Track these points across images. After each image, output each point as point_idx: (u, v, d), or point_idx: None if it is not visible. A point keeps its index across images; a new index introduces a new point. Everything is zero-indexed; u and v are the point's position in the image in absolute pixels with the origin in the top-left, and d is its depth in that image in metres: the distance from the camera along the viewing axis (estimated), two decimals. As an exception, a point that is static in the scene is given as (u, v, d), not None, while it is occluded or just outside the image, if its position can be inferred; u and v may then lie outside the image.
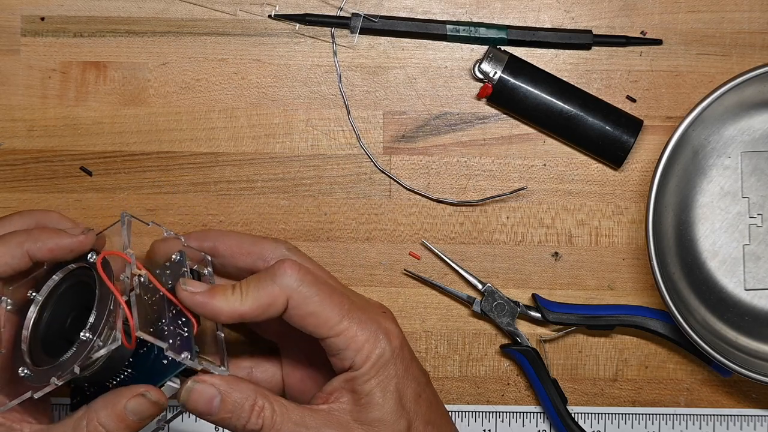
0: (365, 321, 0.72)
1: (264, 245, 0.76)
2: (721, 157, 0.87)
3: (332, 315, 0.71)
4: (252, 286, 0.71)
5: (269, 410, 0.71)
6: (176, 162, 0.88)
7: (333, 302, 0.71)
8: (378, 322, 0.72)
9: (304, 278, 0.71)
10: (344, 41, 0.88)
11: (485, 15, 0.88)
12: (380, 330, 0.72)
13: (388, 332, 0.73)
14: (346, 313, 0.71)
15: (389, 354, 0.72)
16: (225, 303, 0.71)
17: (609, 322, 0.87)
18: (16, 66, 0.88)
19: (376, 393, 0.72)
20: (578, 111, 0.86)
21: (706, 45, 0.88)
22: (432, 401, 0.75)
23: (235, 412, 0.71)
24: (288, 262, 0.71)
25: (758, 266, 0.87)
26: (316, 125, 0.88)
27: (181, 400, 0.71)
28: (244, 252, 0.75)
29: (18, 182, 0.88)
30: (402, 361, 0.73)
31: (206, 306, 0.71)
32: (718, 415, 0.89)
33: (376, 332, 0.72)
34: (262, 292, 0.70)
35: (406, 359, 0.73)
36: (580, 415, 0.89)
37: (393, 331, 0.73)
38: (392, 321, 0.74)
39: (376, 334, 0.72)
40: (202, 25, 0.88)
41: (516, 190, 0.88)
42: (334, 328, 0.71)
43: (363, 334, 0.71)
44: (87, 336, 0.70)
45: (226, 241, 0.76)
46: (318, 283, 0.71)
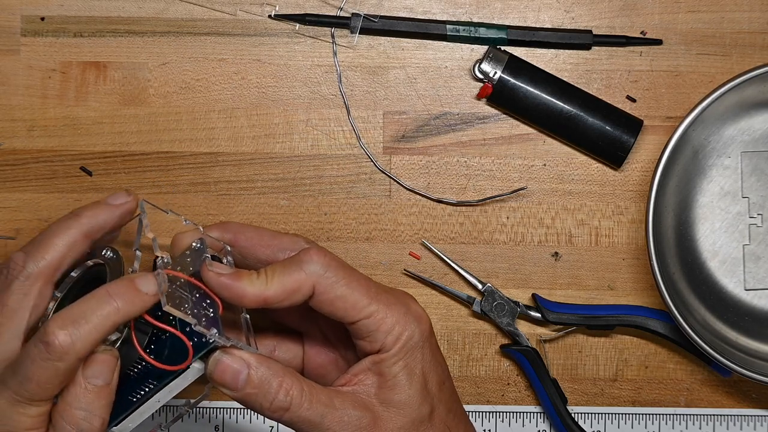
0: (394, 303, 0.72)
1: (284, 238, 0.75)
2: (721, 157, 0.87)
3: (361, 298, 0.71)
4: (278, 271, 0.71)
5: (297, 389, 0.70)
6: (176, 162, 0.88)
7: (360, 285, 0.71)
8: (407, 305, 0.73)
9: (330, 264, 0.71)
10: (344, 41, 0.88)
11: (485, 15, 0.88)
12: (410, 313, 0.72)
13: (418, 315, 0.73)
14: (374, 296, 0.71)
15: (418, 337, 0.72)
16: (250, 285, 0.70)
17: (609, 322, 0.87)
18: (16, 66, 0.88)
19: (403, 376, 0.72)
20: (578, 111, 0.86)
21: (706, 45, 0.88)
22: (453, 390, 0.76)
23: (262, 388, 0.70)
24: (314, 249, 0.71)
25: (758, 266, 0.87)
26: (316, 125, 0.88)
27: (208, 371, 0.70)
28: (264, 244, 0.75)
29: (18, 182, 0.88)
30: (429, 347, 0.73)
31: (231, 287, 0.70)
32: (718, 415, 0.89)
33: (406, 315, 0.72)
34: (287, 278, 0.70)
35: (433, 345, 0.73)
36: (580, 415, 0.89)
37: (422, 315, 0.73)
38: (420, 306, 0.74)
39: (406, 316, 0.72)
40: (202, 25, 0.88)
41: (516, 190, 0.88)
42: (363, 310, 0.71)
43: (392, 317, 0.71)
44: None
45: (246, 233, 0.75)
46: (344, 268, 0.71)
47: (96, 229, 0.73)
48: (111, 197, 0.74)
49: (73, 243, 0.72)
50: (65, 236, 0.72)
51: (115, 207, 0.74)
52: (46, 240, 0.72)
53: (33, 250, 0.72)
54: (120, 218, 0.74)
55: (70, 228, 0.72)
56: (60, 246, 0.72)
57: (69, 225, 0.72)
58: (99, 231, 0.73)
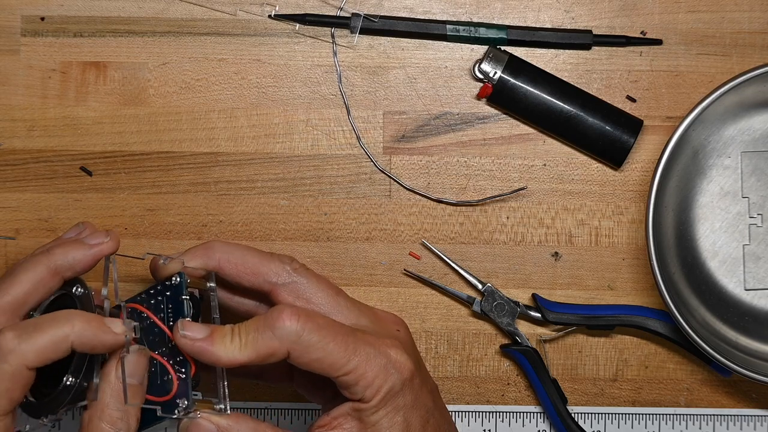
0: (373, 356, 0.71)
1: (270, 266, 0.74)
2: (721, 157, 0.87)
3: (338, 358, 0.70)
4: (251, 335, 0.70)
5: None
6: (176, 162, 0.88)
7: (338, 345, 0.70)
8: (387, 355, 0.72)
9: (305, 326, 0.70)
10: (344, 41, 0.88)
11: (485, 15, 0.88)
12: (390, 363, 0.71)
13: (398, 364, 0.72)
14: (352, 353, 0.70)
15: (399, 386, 0.72)
16: (224, 351, 0.70)
17: (609, 322, 0.87)
18: (16, 66, 0.88)
19: (384, 424, 0.72)
20: (578, 111, 0.86)
21: (706, 45, 0.88)
22: (440, 424, 0.75)
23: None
24: (286, 312, 0.70)
25: (758, 266, 0.87)
26: (316, 125, 0.88)
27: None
28: (248, 272, 0.73)
29: (18, 182, 0.88)
30: (411, 391, 0.72)
31: (204, 353, 0.70)
32: (718, 415, 0.89)
33: (386, 366, 0.71)
34: (260, 344, 0.69)
35: (415, 388, 0.73)
36: (580, 415, 0.89)
37: (403, 362, 0.72)
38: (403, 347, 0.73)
39: (386, 368, 0.71)
40: (202, 25, 0.88)
41: (516, 190, 0.88)
42: (341, 369, 0.70)
43: (372, 370, 0.71)
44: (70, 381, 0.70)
45: (230, 259, 0.74)
46: (319, 328, 0.70)
47: (66, 267, 0.71)
48: (89, 236, 0.73)
49: (39, 279, 0.71)
50: (32, 272, 0.71)
51: (90, 247, 0.72)
52: (13, 275, 0.71)
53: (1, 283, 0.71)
54: (93, 259, 0.72)
55: (38, 264, 0.71)
56: (25, 282, 0.71)
57: (38, 261, 0.71)
58: (69, 269, 0.72)
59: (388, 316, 0.77)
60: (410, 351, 0.74)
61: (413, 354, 0.75)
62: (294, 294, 0.74)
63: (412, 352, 0.75)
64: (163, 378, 0.72)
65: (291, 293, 0.74)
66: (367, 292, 0.88)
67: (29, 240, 0.88)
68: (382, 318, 0.76)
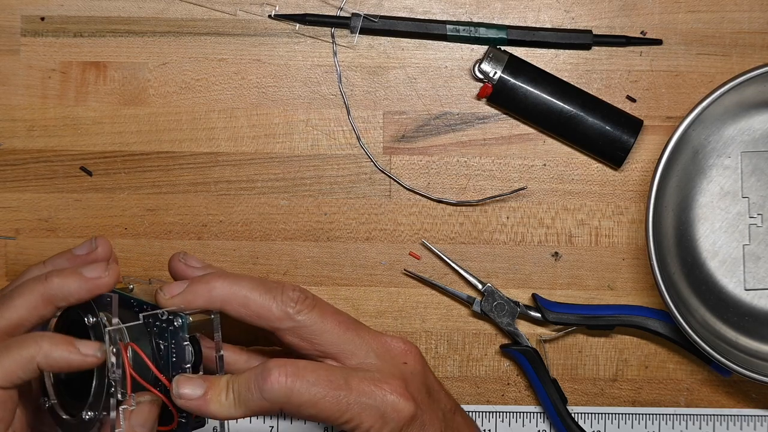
0: (368, 407, 0.71)
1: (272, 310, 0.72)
2: (721, 157, 0.87)
3: (331, 413, 0.70)
4: (243, 394, 0.70)
5: None
6: (176, 162, 0.88)
7: (329, 401, 0.70)
8: (385, 402, 0.71)
9: (294, 386, 0.69)
10: (344, 41, 0.88)
11: (485, 15, 0.88)
12: (387, 411, 0.71)
13: (396, 411, 0.71)
14: (345, 407, 0.70)
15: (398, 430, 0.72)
16: (218, 408, 0.70)
17: (609, 322, 0.87)
18: (16, 66, 0.88)
19: None
20: (578, 111, 0.86)
21: (706, 45, 0.88)
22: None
23: None
24: (273, 374, 0.69)
25: (758, 266, 0.87)
26: (316, 125, 0.88)
27: None
28: (252, 315, 0.72)
29: (18, 182, 0.88)
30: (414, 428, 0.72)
31: (200, 410, 0.70)
32: (718, 415, 0.89)
33: (383, 414, 0.71)
34: (251, 404, 0.70)
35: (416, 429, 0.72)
36: (580, 415, 0.89)
37: (401, 408, 0.71)
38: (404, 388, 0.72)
39: (383, 416, 0.71)
40: (202, 25, 0.88)
41: (516, 190, 0.88)
42: (336, 420, 0.71)
43: (368, 421, 0.71)
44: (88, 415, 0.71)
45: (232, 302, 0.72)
46: (311, 386, 0.70)
47: (59, 297, 0.72)
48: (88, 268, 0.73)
49: (33, 306, 0.72)
50: (27, 298, 0.72)
51: (86, 280, 0.72)
52: (9, 298, 0.72)
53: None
54: (89, 293, 0.72)
55: (34, 291, 0.72)
56: (20, 307, 0.72)
57: (34, 288, 0.72)
58: (63, 300, 0.72)
59: (398, 345, 0.75)
60: (417, 384, 0.74)
61: (420, 387, 0.74)
62: (298, 336, 0.73)
63: (420, 384, 0.74)
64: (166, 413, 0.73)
65: (295, 336, 0.73)
66: (367, 292, 0.88)
67: (29, 240, 0.88)
68: (390, 349, 0.75)
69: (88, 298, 0.72)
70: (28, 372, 0.69)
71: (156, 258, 0.88)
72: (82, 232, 0.88)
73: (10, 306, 0.72)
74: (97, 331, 0.72)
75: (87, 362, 0.70)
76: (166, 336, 0.72)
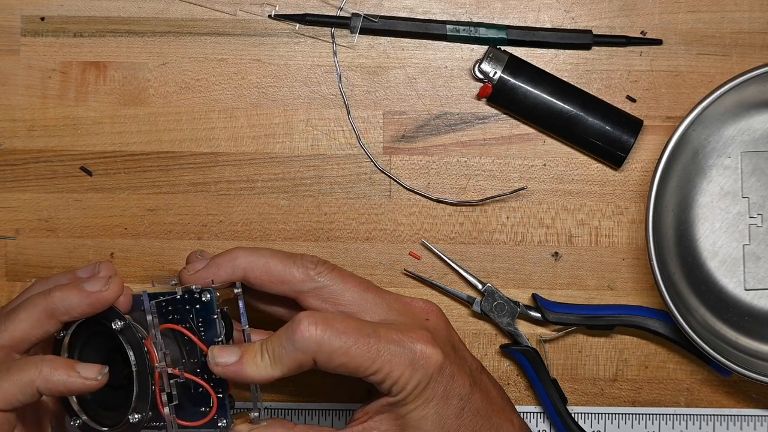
0: (398, 353, 0.72)
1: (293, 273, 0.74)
2: (721, 157, 0.87)
3: (362, 361, 0.71)
4: (277, 350, 0.71)
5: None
6: (176, 162, 0.88)
7: (360, 348, 0.71)
8: (413, 350, 0.72)
9: (324, 334, 0.71)
10: (344, 41, 0.88)
11: (485, 15, 0.88)
12: (416, 357, 0.72)
13: (424, 358, 0.72)
14: (375, 354, 0.71)
15: (426, 381, 0.72)
16: (256, 371, 0.71)
17: (609, 322, 0.87)
18: (16, 66, 0.88)
19: (414, 416, 0.73)
20: (578, 111, 0.86)
21: (706, 45, 0.88)
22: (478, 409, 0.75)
23: None
24: (303, 323, 0.71)
25: (758, 266, 0.87)
26: (316, 125, 0.88)
27: None
28: (273, 281, 0.74)
29: (18, 182, 0.88)
30: (441, 383, 0.73)
31: (238, 376, 0.72)
32: (718, 415, 0.89)
33: (412, 361, 0.72)
34: (286, 358, 0.71)
35: (445, 379, 0.73)
36: (580, 415, 0.89)
37: (429, 354, 0.73)
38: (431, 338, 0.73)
39: (412, 363, 0.72)
40: (202, 25, 0.88)
41: (516, 190, 0.88)
42: (366, 370, 0.71)
43: (398, 368, 0.72)
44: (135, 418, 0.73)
45: (254, 269, 0.74)
46: (340, 334, 0.71)
47: (62, 311, 0.73)
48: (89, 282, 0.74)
49: (36, 320, 0.73)
50: (30, 312, 0.73)
51: (88, 294, 0.73)
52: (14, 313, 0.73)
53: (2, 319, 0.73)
54: (90, 307, 0.73)
55: (37, 306, 0.73)
56: (23, 321, 0.73)
57: (37, 302, 0.73)
58: (65, 314, 0.73)
59: (418, 304, 0.77)
60: (442, 339, 0.75)
61: (445, 342, 0.75)
62: (320, 298, 0.74)
63: (445, 339, 0.76)
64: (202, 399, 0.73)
65: (317, 298, 0.74)
66: (367, 292, 0.88)
67: (29, 240, 0.88)
68: (412, 308, 0.77)
69: (91, 312, 0.73)
70: (27, 396, 0.70)
71: (156, 258, 0.88)
72: (82, 232, 0.88)
73: (14, 320, 0.73)
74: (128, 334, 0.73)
75: (87, 386, 0.71)
76: (191, 318, 0.73)
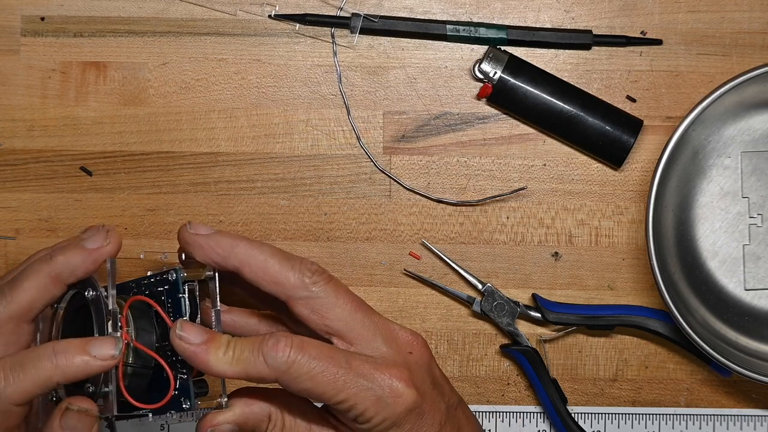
0: (366, 389, 0.71)
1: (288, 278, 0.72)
2: (721, 157, 0.87)
3: (326, 390, 0.70)
4: (245, 353, 0.70)
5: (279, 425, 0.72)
6: (176, 162, 0.88)
7: (327, 377, 0.70)
8: (383, 387, 0.71)
9: (295, 359, 0.70)
10: (344, 41, 0.88)
11: (485, 15, 0.88)
12: (384, 395, 0.71)
13: (395, 396, 0.71)
14: (342, 385, 0.70)
15: (392, 419, 0.71)
16: (215, 361, 0.70)
17: (609, 322, 0.87)
18: (16, 66, 0.88)
19: None
20: (578, 111, 0.86)
21: (706, 45, 0.88)
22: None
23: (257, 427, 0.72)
24: (282, 341, 0.70)
25: (758, 266, 0.87)
26: (316, 125, 0.88)
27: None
28: (268, 280, 0.72)
29: (18, 182, 0.88)
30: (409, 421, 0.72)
31: (196, 358, 0.70)
32: (718, 415, 0.89)
33: (379, 399, 0.71)
34: (251, 366, 0.70)
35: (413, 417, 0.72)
36: (580, 415, 0.89)
37: (401, 393, 0.71)
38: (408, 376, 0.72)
39: (380, 400, 0.71)
40: (202, 25, 0.88)
41: (516, 190, 0.88)
42: (330, 399, 0.70)
43: (363, 403, 0.71)
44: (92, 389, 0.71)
45: (251, 264, 0.72)
46: (311, 359, 0.70)
47: (67, 273, 0.72)
48: (89, 239, 0.73)
49: (42, 287, 0.72)
50: (35, 280, 0.72)
51: (90, 252, 0.72)
52: (17, 282, 0.72)
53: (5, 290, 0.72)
54: (94, 263, 0.73)
55: (40, 272, 0.72)
56: (29, 289, 0.72)
57: (40, 268, 0.72)
58: (70, 275, 0.72)
59: (405, 336, 0.75)
60: (420, 376, 0.73)
61: (423, 379, 0.74)
62: (309, 308, 0.73)
63: (424, 375, 0.74)
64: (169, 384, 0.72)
65: (306, 307, 0.72)
66: (367, 292, 0.88)
67: (29, 240, 0.88)
68: (397, 338, 0.75)
69: (95, 269, 0.73)
70: (46, 389, 0.69)
71: (156, 258, 0.88)
72: (82, 232, 0.88)
73: (19, 290, 0.72)
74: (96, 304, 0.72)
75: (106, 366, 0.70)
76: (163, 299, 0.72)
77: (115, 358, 0.70)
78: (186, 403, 0.71)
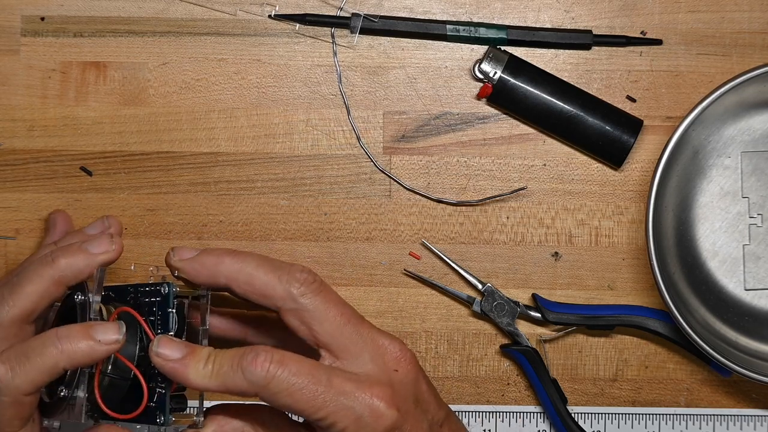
0: (346, 408, 0.70)
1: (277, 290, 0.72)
2: (721, 157, 0.87)
3: (307, 406, 0.69)
4: (224, 368, 0.70)
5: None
6: (176, 162, 0.88)
7: (307, 394, 0.69)
8: (364, 405, 0.70)
9: (275, 373, 0.69)
10: (344, 41, 0.88)
11: (485, 15, 0.88)
12: (364, 415, 0.70)
13: (375, 416, 0.70)
14: (322, 403, 0.70)
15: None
16: (195, 375, 0.70)
17: (609, 322, 0.87)
18: (16, 66, 0.88)
19: None
20: (578, 111, 0.86)
21: (706, 45, 0.88)
22: None
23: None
24: (261, 356, 0.69)
25: (758, 266, 0.87)
26: (316, 125, 0.88)
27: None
28: (256, 293, 0.72)
29: (18, 182, 0.88)
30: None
31: (176, 374, 0.70)
32: (718, 415, 0.89)
33: (359, 418, 0.70)
34: (230, 380, 0.69)
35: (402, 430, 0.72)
36: (580, 415, 0.89)
37: (381, 413, 0.71)
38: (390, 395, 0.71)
39: (358, 420, 0.70)
40: (202, 25, 0.88)
41: (516, 190, 0.88)
42: (310, 416, 0.70)
43: (343, 421, 0.70)
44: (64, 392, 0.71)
45: (238, 280, 0.72)
46: (292, 375, 0.69)
47: (70, 277, 0.72)
48: (93, 243, 0.73)
49: (45, 290, 0.72)
50: (38, 284, 0.72)
51: (94, 256, 0.72)
52: (19, 286, 0.72)
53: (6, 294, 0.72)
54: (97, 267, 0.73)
55: (43, 276, 0.72)
56: (32, 293, 0.72)
57: (43, 272, 0.72)
58: (74, 279, 0.73)
59: (393, 350, 0.74)
60: (403, 394, 0.73)
61: (406, 397, 0.73)
62: (298, 319, 0.72)
63: (408, 393, 0.73)
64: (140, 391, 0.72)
65: (295, 317, 0.72)
66: (367, 292, 0.88)
67: (29, 240, 0.88)
68: (385, 353, 0.73)
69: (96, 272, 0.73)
70: (54, 376, 0.69)
71: (156, 258, 0.88)
72: (82, 232, 0.88)
73: (22, 294, 0.72)
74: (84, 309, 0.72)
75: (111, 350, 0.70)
76: (154, 310, 0.72)
77: (119, 342, 0.69)
78: (160, 417, 0.71)
